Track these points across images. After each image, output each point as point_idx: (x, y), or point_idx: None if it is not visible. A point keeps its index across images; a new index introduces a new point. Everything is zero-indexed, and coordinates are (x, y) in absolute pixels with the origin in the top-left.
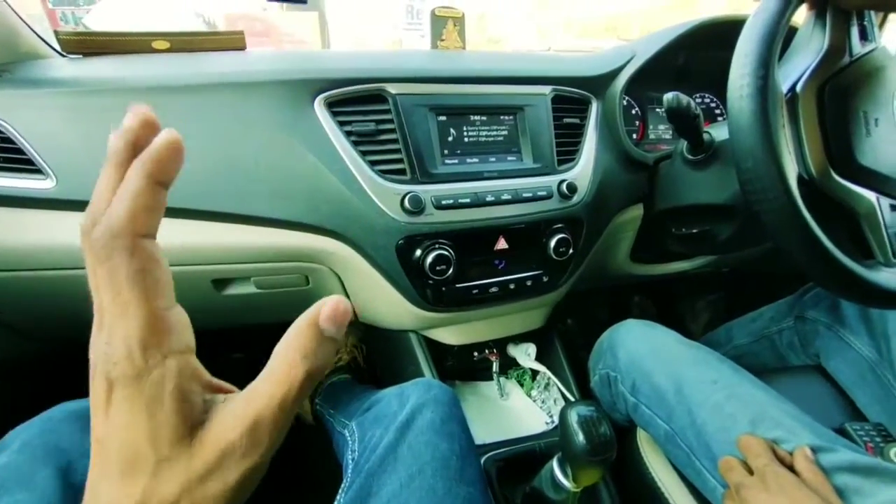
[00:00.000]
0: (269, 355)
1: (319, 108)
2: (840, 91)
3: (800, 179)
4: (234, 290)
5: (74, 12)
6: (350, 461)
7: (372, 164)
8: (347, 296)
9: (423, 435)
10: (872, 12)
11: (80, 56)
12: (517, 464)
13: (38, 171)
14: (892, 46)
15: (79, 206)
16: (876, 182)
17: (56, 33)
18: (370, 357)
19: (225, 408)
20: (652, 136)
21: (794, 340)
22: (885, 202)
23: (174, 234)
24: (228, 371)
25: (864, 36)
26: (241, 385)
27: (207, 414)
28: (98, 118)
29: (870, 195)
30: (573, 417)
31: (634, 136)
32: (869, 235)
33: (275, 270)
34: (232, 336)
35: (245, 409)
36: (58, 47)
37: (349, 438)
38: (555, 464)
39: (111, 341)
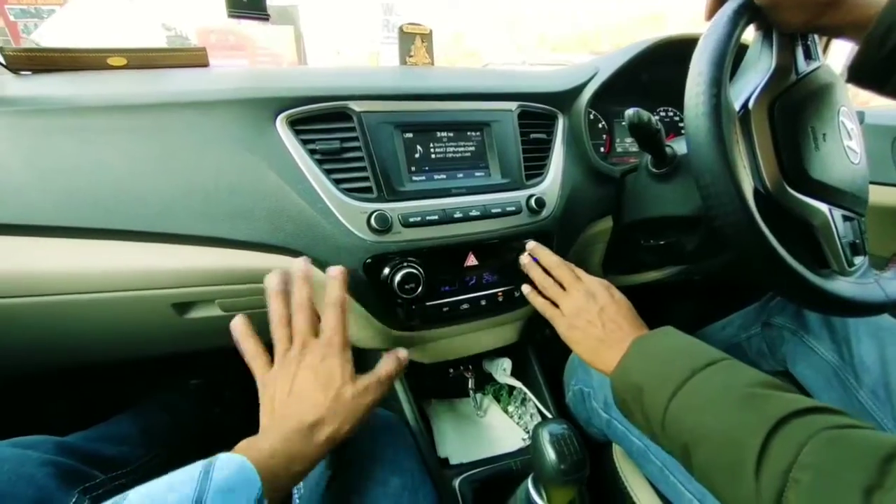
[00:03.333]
0: (230, 381)
1: (282, 126)
2: (789, 108)
3: (756, 193)
4: (197, 313)
5: (38, 24)
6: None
7: (337, 182)
8: (316, 313)
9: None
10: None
11: (30, 73)
12: (493, 484)
13: None
14: (835, 65)
15: (21, 230)
16: (827, 194)
17: (0, 50)
18: None
19: (363, 374)
20: (619, 150)
21: (762, 347)
22: (838, 213)
23: (131, 258)
24: (185, 398)
25: (808, 55)
26: (202, 411)
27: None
28: (44, 139)
29: (823, 207)
30: (545, 437)
31: (602, 149)
32: (824, 246)
33: (239, 292)
34: (191, 361)
35: (374, 372)
36: (4, 63)
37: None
38: (529, 484)
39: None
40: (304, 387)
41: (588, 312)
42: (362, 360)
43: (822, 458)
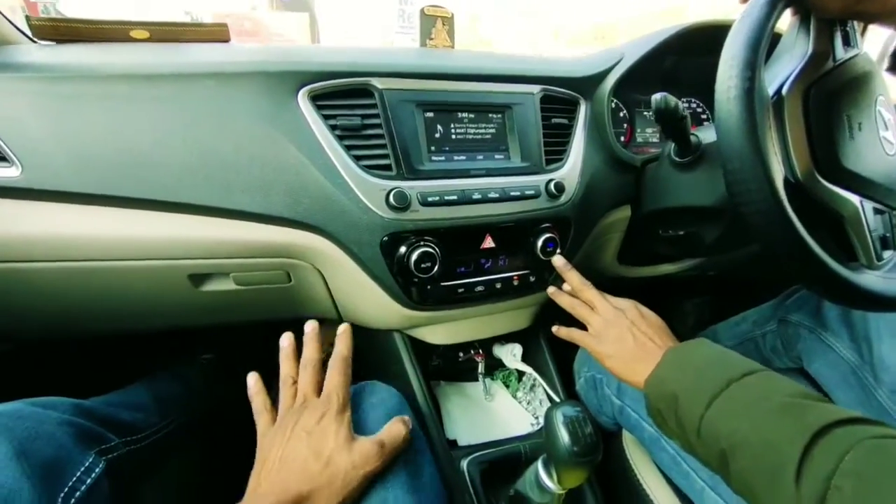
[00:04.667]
0: (242, 357)
1: (303, 100)
2: (825, 95)
3: (785, 182)
4: (212, 286)
5: (56, 4)
6: None
7: (356, 158)
8: (330, 294)
9: None
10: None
11: (53, 43)
12: (501, 466)
13: (3, 158)
14: (873, 53)
15: (45, 195)
16: (859, 185)
17: (27, 18)
18: (354, 355)
19: (363, 438)
20: (639, 140)
21: (776, 344)
22: (869, 205)
23: (150, 227)
24: (196, 372)
25: (847, 42)
26: (213, 385)
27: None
28: (68, 105)
29: (854, 198)
30: (558, 418)
31: (622, 138)
32: (853, 238)
33: (255, 266)
34: (204, 335)
35: (377, 437)
36: (29, 34)
37: None
38: (539, 465)
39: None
40: (296, 452)
41: (618, 327)
42: (374, 341)
43: (865, 466)
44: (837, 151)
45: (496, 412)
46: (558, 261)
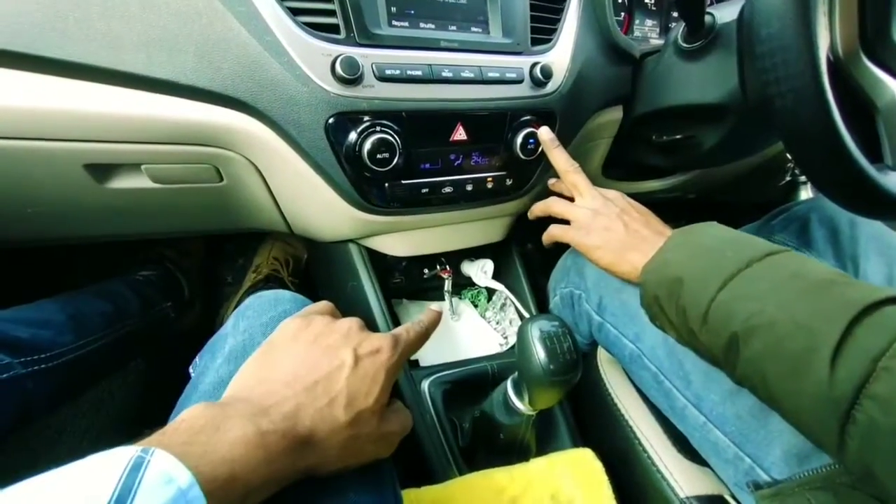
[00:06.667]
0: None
1: None
2: None
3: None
4: (121, 182)
5: None
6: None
7: (293, 12)
8: (272, 195)
9: None
10: None
11: None
12: (466, 386)
13: None
14: None
15: None
16: None
17: None
18: (310, 272)
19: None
20: (637, 34)
21: None
22: None
23: (20, 91)
24: (132, 288)
25: None
26: (150, 304)
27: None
28: None
29: (893, 85)
30: (534, 333)
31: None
32: (883, 134)
33: (171, 156)
34: (140, 251)
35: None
36: None
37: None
38: (509, 385)
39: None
40: (323, 367)
41: (606, 217)
42: (327, 255)
43: None
44: (890, 24)
45: (462, 332)
46: (545, 134)
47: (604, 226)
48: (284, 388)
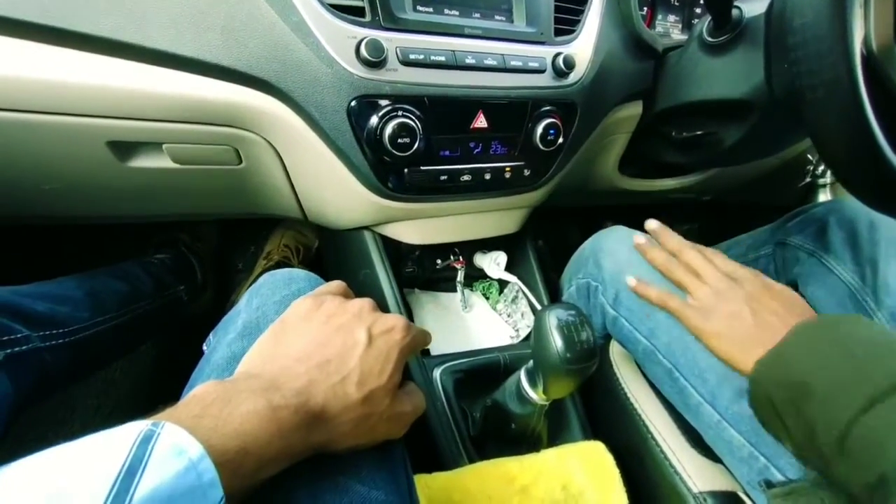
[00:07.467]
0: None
1: None
2: None
3: None
4: (142, 161)
5: None
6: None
7: None
8: (291, 183)
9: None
10: None
11: None
12: (478, 376)
13: None
14: None
15: None
16: None
17: None
18: (321, 260)
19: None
20: (659, 29)
21: (769, 268)
22: None
23: (49, 66)
24: (148, 271)
25: None
26: (164, 287)
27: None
28: None
29: None
30: (551, 321)
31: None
32: None
33: (192, 136)
34: (157, 234)
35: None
36: None
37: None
38: (523, 374)
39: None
40: (340, 348)
41: (733, 301)
42: (342, 243)
43: None
44: None
45: (474, 324)
46: (652, 223)
47: (728, 312)
48: (297, 364)
